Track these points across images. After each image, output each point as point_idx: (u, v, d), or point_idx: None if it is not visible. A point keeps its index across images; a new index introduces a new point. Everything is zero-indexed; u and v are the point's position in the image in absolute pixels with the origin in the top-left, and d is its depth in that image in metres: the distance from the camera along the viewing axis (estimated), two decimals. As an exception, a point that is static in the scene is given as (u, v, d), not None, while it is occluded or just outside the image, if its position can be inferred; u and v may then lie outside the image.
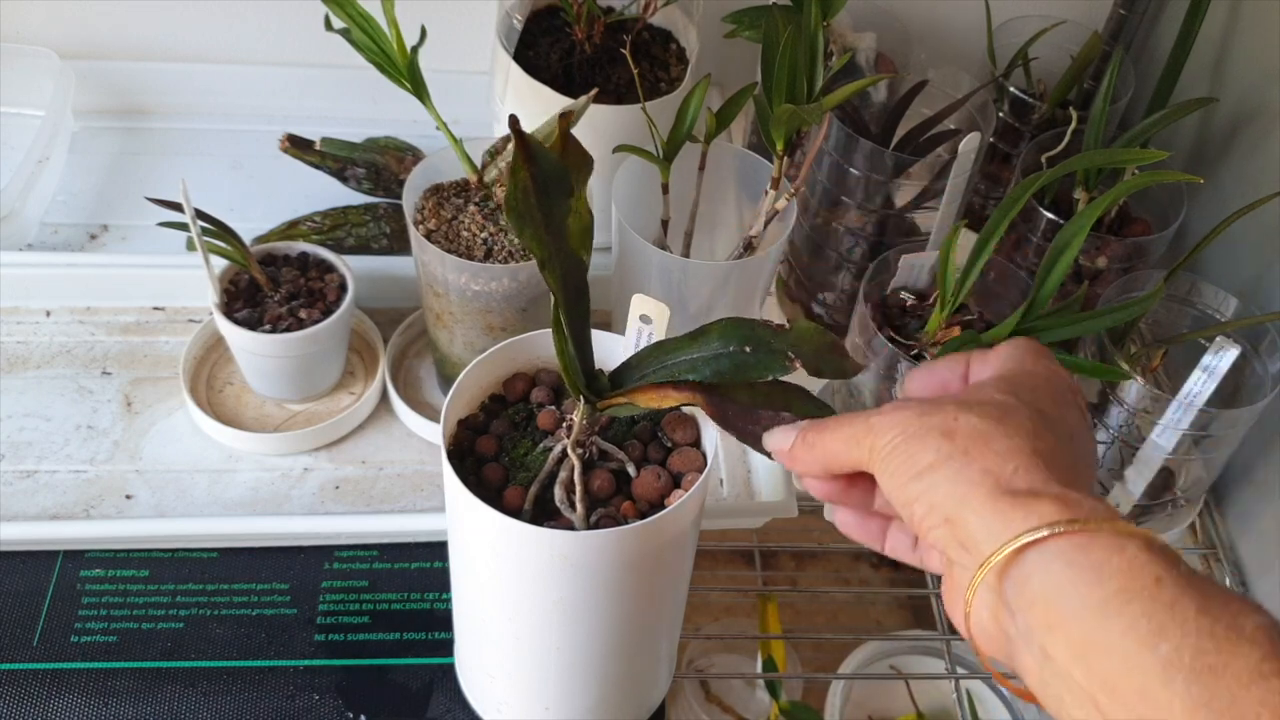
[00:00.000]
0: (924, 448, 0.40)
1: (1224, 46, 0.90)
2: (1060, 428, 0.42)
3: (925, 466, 0.40)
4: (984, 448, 0.39)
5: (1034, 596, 0.36)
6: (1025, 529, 0.36)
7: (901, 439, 0.41)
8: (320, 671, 0.69)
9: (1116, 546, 0.35)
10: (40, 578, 0.72)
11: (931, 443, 0.40)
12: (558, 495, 0.53)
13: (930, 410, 0.41)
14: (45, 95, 0.94)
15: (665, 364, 0.48)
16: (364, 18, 0.67)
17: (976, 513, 0.38)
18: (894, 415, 0.42)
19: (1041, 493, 0.37)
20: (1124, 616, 0.33)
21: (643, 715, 0.68)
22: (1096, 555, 0.35)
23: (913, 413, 0.42)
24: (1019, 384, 0.43)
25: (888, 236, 0.82)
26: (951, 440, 0.40)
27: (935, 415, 0.41)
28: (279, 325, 0.75)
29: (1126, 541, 0.35)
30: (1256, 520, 0.82)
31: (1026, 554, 0.36)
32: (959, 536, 0.39)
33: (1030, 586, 0.36)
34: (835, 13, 0.74)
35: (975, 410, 0.41)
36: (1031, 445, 0.39)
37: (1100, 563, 0.35)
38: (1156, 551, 0.35)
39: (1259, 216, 0.74)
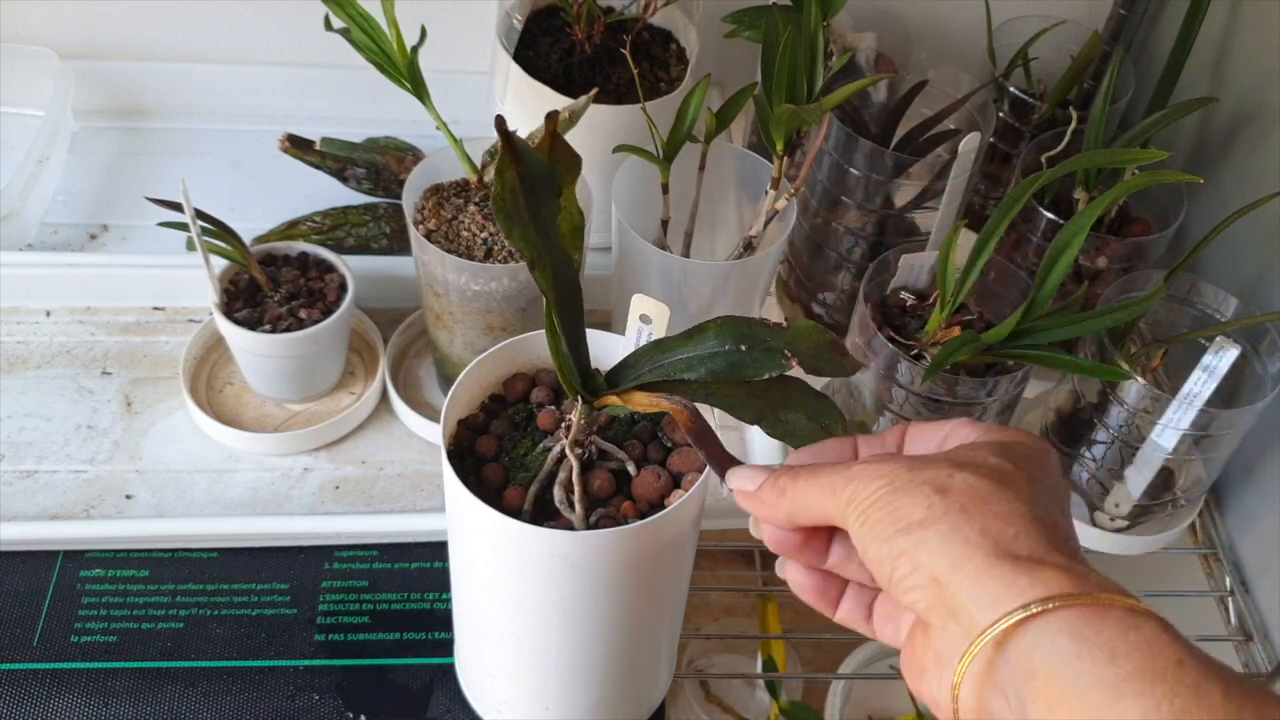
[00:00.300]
0: (914, 502, 0.37)
1: (1224, 46, 0.90)
2: (1054, 499, 0.39)
3: (914, 521, 0.37)
4: (983, 508, 0.37)
5: (1034, 671, 0.33)
6: (1032, 598, 0.34)
7: (888, 490, 0.38)
8: (320, 671, 0.69)
9: (1132, 624, 0.33)
10: (40, 578, 0.72)
11: (923, 497, 0.37)
12: (557, 495, 0.53)
13: (921, 465, 0.39)
14: (45, 95, 0.94)
15: (661, 363, 0.48)
16: (364, 18, 0.67)
17: (973, 577, 0.35)
18: (879, 466, 0.39)
19: (1046, 561, 0.35)
20: (1145, 698, 0.31)
21: (643, 715, 0.68)
22: (1109, 631, 0.33)
23: (901, 465, 0.39)
24: (1011, 450, 0.40)
25: (888, 236, 0.82)
26: (946, 497, 0.37)
27: (928, 470, 0.38)
28: (279, 325, 0.75)
29: (1142, 620, 0.33)
30: (1256, 520, 0.82)
31: (1029, 625, 0.33)
32: (947, 601, 0.36)
33: (1031, 660, 0.33)
34: (835, 13, 0.74)
35: (971, 469, 0.38)
36: (1032, 511, 0.37)
37: (1113, 639, 0.32)
38: (1174, 632, 0.33)
39: (1259, 216, 0.74)
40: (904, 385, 0.70)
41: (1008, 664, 0.34)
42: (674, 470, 0.55)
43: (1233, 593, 0.81)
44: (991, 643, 0.34)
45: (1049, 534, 0.37)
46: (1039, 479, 0.39)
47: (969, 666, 0.35)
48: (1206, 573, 0.83)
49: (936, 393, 0.70)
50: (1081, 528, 0.79)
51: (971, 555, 0.35)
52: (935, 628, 0.37)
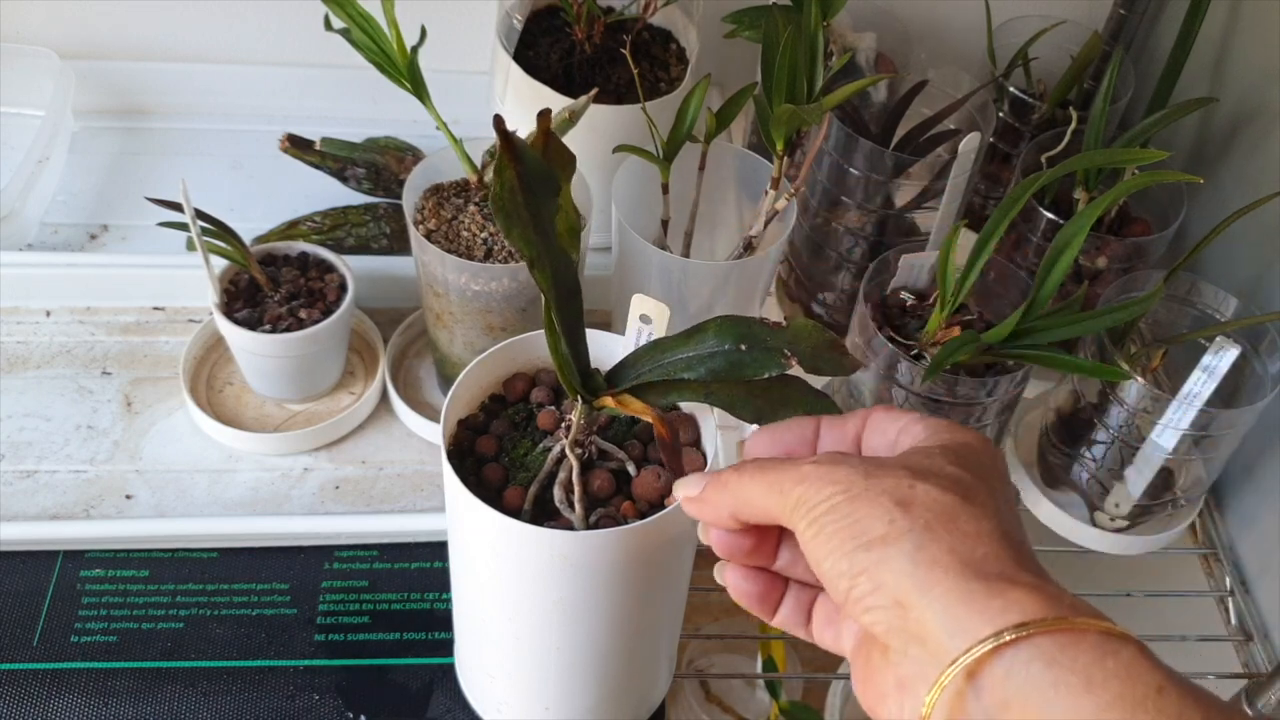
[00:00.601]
0: (873, 514, 0.35)
1: (1224, 46, 0.90)
2: (1013, 512, 0.38)
3: (876, 537, 0.35)
4: (949, 525, 0.35)
5: (1008, 701, 0.32)
6: (1005, 625, 0.32)
7: (844, 499, 0.36)
8: (320, 671, 0.69)
9: (1109, 649, 0.31)
10: (40, 578, 0.72)
11: (883, 510, 0.35)
12: (557, 495, 0.53)
13: (878, 471, 0.37)
14: (45, 95, 0.94)
15: (661, 363, 0.48)
16: (364, 18, 0.67)
17: (941, 601, 0.33)
18: (833, 469, 0.37)
19: (1017, 581, 0.33)
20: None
21: (643, 715, 0.68)
22: (1085, 658, 0.31)
23: (857, 471, 0.37)
24: (966, 458, 0.38)
25: (888, 236, 0.82)
26: (909, 512, 0.35)
27: (886, 478, 0.36)
28: (279, 325, 0.75)
29: (1120, 645, 0.31)
30: (1256, 520, 0.82)
31: (1003, 653, 0.32)
32: (912, 626, 0.34)
33: (1004, 689, 0.32)
34: (835, 13, 0.74)
35: (933, 480, 0.36)
36: (1000, 528, 0.35)
37: (1090, 666, 0.31)
38: (1152, 658, 0.32)
39: (1259, 216, 0.74)
40: (904, 385, 0.70)
41: (980, 694, 0.32)
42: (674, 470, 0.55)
43: (1233, 593, 0.81)
44: (963, 672, 0.32)
45: (1017, 552, 0.35)
46: (998, 490, 0.37)
47: (939, 697, 0.33)
48: (1206, 573, 0.83)
49: (936, 393, 0.70)
50: (1081, 527, 0.79)
51: (940, 578, 0.33)
52: (895, 650, 0.35)
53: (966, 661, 0.32)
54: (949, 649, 0.33)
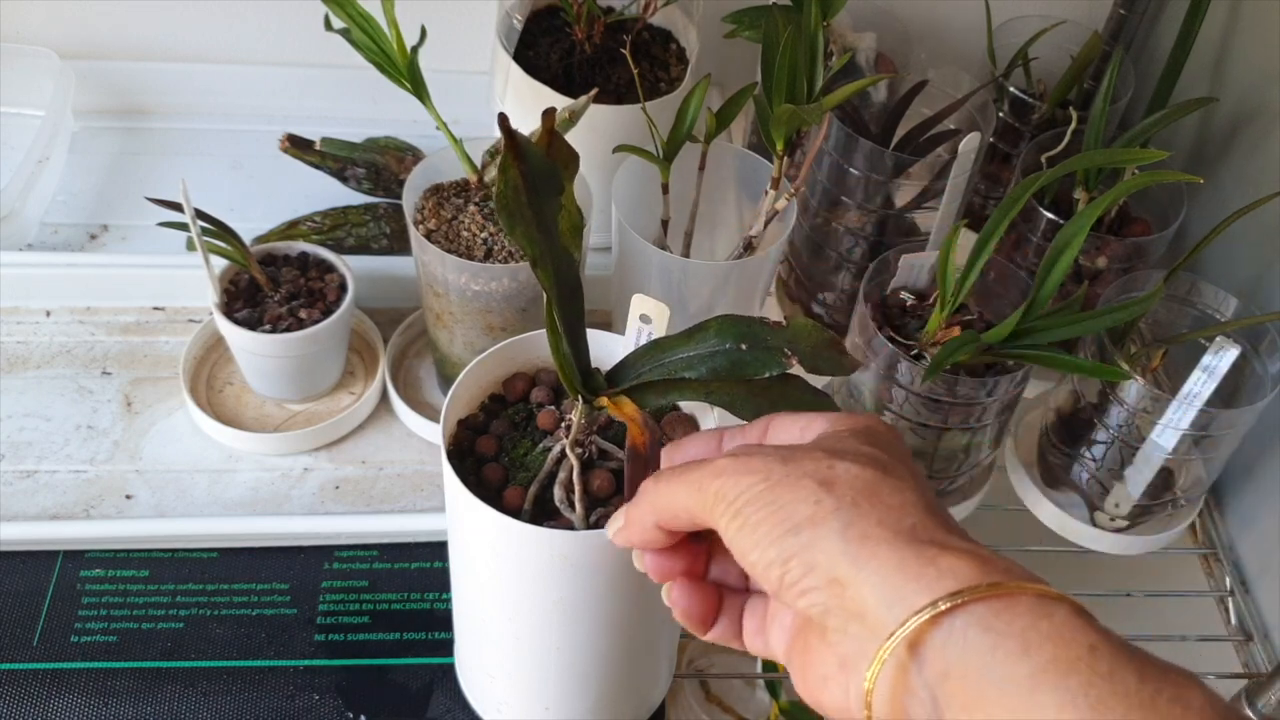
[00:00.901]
0: (797, 498, 0.35)
1: (1224, 46, 0.90)
2: (929, 487, 0.37)
3: (803, 519, 0.34)
4: (873, 500, 0.34)
5: (948, 670, 0.31)
6: (941, 593, 0.32)
7: (764, 486, 0.36)
8: (320, 671, 0.69)
9: (1043, 611, 0.31)
10: (40, 578, 0.72)
11: (807, 492, 0.35)
12: (557, 495, 0.53)
13: (795, 456, 0.36)
14: (45, 95, 0.94)
15: (662, 362, 0.48)
16: (364, 18, 0.67)
17: (878, 574, 0.33)
18: (749, 460, 0.37)
19: (949, 547, 0.33)
20: (1060, 691, 0.30)
21: (643, 715, 0.68)
22: (1021, 621, 0.31)
23: (774, 458, 0.36)
24: (875, 437, 0.38)
25: (888, 236, 0.82)
26: (832, 490, 0.35)
27: (805, 461, 0.36)
28: (279, 325, 0.75)
29: (1054, 606, 0.31)
30: (1256, 520, 0.82)
31: (941, 622, 0.32)
32: (849, 603, 0.33)
33: (943, 658, 0.32)
34: (835, 13, 0.74)
35: (850, 458, 0.36)
36: (923, 498, 0.35)
37: (1025, 630, 0.31)
38: (1086, 617, 0.31)
39: (1259, 216, 0.74)
40: (904, 385, 0.70)
41: (921, 665, 0.32)
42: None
43: (1233, 593, 0.81)
44: (903, 644, 0.32)
45: (943, 520, 0.35)
46: (910, 466, 0.38)
47: (880, 671, 0.33)
48: (1206, 573, 0.83)
49: (936, 393, 0.70)
50: (1081, 527, 0.79)
51: (874, 550, 0.33)
52: (834, 630, 0.34)
53: (905, 633, 0.32)
54: (887, 621, 0.32)
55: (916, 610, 0.32)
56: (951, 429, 0.72)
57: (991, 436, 0.75)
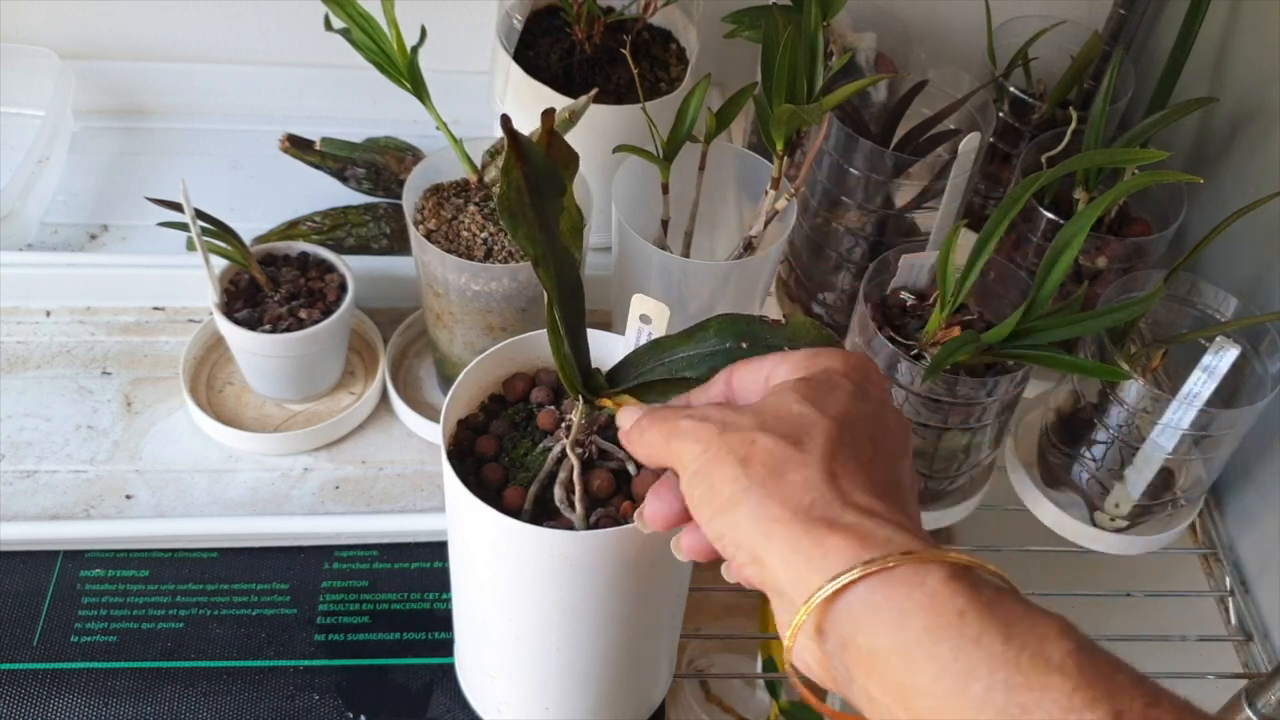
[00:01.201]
0: (723, 476, 0.38)
1: (1224, 46, 0.90)
2: (866, 428, 0.39)
3: (726, 500, 0.38)
4: (779, 478, 0.37)
5: (845, 642, 0.34)
6: (826, 578, 0.34)
7: (703, 460, 0.39)
8: (320, 671, 0.69)
9: (915, 581, 0.33)
10: (40, 578, 0.72)
11: (729, 470, 0.38)
12: (557, 495, 0.53)
13: (731, 426, 0.39)
14: (45, 95, 0.94)
15: (663, 361, 0.48)
16: (364, 18, 0.67)
17: (781, 554, 0.36)
18: (699, 426, 0.40)
19: (837, 525, 0.35)
20: (934, 659, 0.32)
21: (643, 715, 0.68)
22: (897, 593, 0.33)
23: (714, 427, 0.39)
24: (819, 385, 0.40)
25: (888, 236, 0.82)
26: (748, 468, 0.37)
27: (734, 434, 0.38)
28: (279, 325, 0.75)
29: (926, 574, 0.33)
30: (1256, 520, 0.82)
31: (837, 599, 0.34)
32: (769, 579, 0.37)
33: (839, 633, 0.35)
34: (835, 13, 0.74)
35: (772, 429, 0.38)
36: (828, 468, 0.37)
37: (901, 601, 0.33)
38: (958, 580, 0.33)
39: (1259, 216, 0.74)
40: (904, 385, 0.70)
41: (825, 637, 0.35)
42: None
43: (1233, 593, 0.81)
44: (810, 620, 0.35)
45: (844, 487, 0.37)
46: (848, 411, 0.39)
47: (801, 642, 0.36)
48: (1206, 573, 0.83)
49: (936, 393, 0.70)
50: (1081, 527, 0.79)
51: (775, 530, 0.36)
52: (772, 599, 0.38)
53: (807, 611, 0.35)
54: (795, 599, 0.35)
55: (812, 592, 0.35)
56: (951, 429, 0.72)
57: (991, 436, 0.75)
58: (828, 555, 0.35)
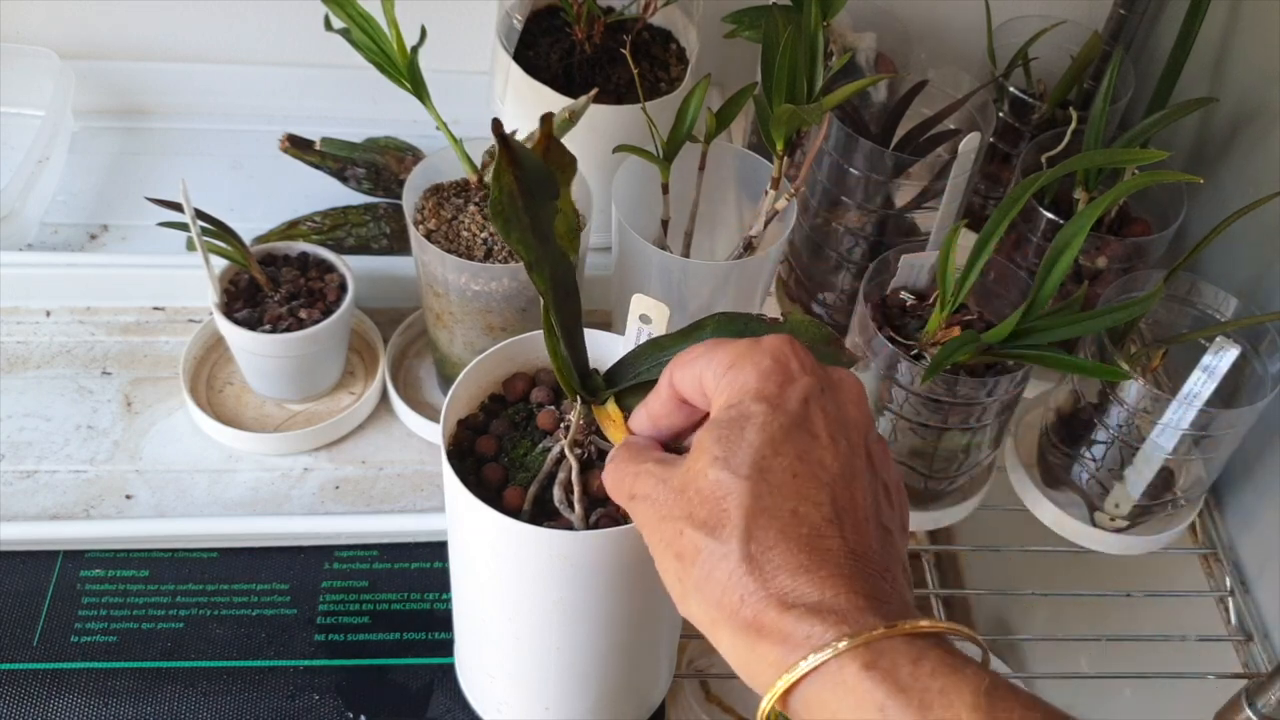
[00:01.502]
0: (667, 570, 0.39)
1: (1224, 46, 0.90)
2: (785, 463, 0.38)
3: (678, 594, 0.39)
4: (709, 578, 0.37)
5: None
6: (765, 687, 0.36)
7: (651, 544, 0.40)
8: (320, 671, 0.69)
9: (838, 679, 0.34)
10: (40, 578, 0.72)
11: (671, 565, 0.39)
12: (557, 495, 0.53)
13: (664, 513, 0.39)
14: (45, 95, 0.94)
15: (660, 360, 0.48)
16: (364, 18, 0.67)
17: (729, 653, 0.37)
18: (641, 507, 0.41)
19: (764, 630, 0.36)
20: None
21: (643, 715, 0.68)
22: (826, 694, 0.34)
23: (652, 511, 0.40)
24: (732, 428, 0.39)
25: (888, 236, 0.82)
26: (684, 563, 0.38)
27: (668, 525, 0.39)
28: (279, 325, 0.75)
29: (844, 671, 0.34)
30: (1256, 520, 0.82)
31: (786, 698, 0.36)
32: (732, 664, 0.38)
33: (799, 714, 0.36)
34: (835, 13, 0.74)
35: (694, 518, 0.38)
36: (746, 553, 0.37)
37: (830, 701, 0.34)
38: (873, 668, 0.34)
39: (1259, 216, 0.74)
40: (904, 385, 0.70)
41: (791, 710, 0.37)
42: None
43: (1233, 593, 0.81)
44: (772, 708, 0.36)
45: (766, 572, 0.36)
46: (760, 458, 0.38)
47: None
48: (1206, 573, 0.83)
49: (936, 393, 0.70)
50: (1081, 528, 0.79)
51: (719, 634, 0.37)
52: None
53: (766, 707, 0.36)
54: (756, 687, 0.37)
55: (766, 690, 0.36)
56: (951, 429, 0.72)
57: (991, 436, 0.75)
58: (762, 662, 0.36)
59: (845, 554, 0.37)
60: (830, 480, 0.38)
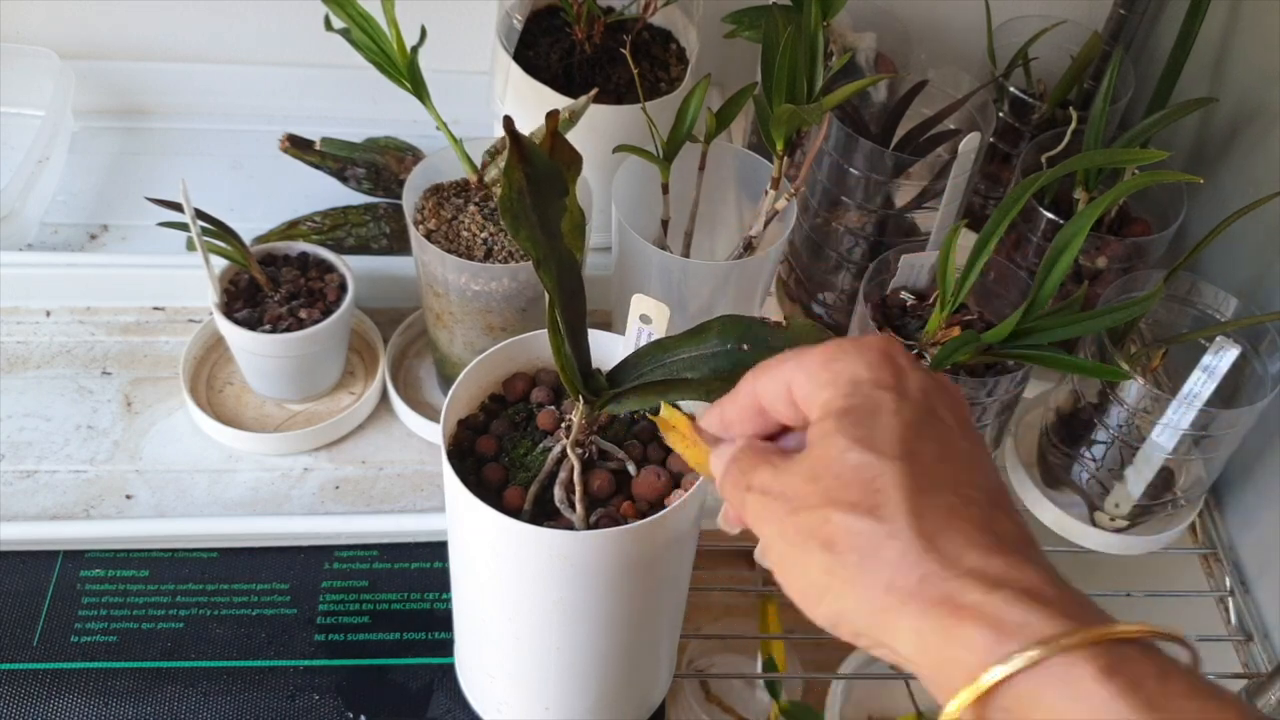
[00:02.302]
0: (813, 565, 0.34)
1: (1224, 46, 0.90)
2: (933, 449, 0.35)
3: (825, 589, 0.34)
4: (875, 559, 0.33)
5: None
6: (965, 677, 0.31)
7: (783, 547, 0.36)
8: (320, 671, 0.69)
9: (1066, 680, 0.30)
10: (40, 578, 0.72)
11: (816, 558, 0.34)
12: (557, 495, 0.53)
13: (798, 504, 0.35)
14: (45, 95, 0.94)
15: (664, 362, 0.48)
16: (364, 18, 0.67)
17: (909, 644, 0.33)
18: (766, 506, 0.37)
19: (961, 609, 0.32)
20: None
21: (643, 715, 0.68)
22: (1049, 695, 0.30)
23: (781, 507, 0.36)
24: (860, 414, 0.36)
25: (888, 236, 0.82)
26: (834, 552, 0.34)
27: (805, 514, 0.35)
28: (279, 325, 0.75)
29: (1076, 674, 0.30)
30: (1256, 520, 0.82)
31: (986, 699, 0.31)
32: (904, 664, 0.33)
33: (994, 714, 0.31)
34: (835, 13, 0.74)
35: (840, 502, 0.34)
36: (921, 530, 0.33)
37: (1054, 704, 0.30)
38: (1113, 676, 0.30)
39: (1259, 216, 0.74)
40: (904, 385, 0.70)
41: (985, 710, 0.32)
42: (674, 470, 0.55)
43: (1233, 593, 0.81)
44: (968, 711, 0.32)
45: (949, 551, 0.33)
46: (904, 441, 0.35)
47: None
48: (1206, 573, 0.83)
49: (936, 393, 0.69)
50: (1081, 528, 0.79)
51: (895, 622, 0.33)
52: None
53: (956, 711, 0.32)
54: (938, 688, 0.32)
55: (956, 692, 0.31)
56: (951, 429, 0.72)
57: (991, 436, 0.75)
58: (962, 648, 0.31)
59: (1022, 540, 0.34)
60: (976, 467, 0.36)
